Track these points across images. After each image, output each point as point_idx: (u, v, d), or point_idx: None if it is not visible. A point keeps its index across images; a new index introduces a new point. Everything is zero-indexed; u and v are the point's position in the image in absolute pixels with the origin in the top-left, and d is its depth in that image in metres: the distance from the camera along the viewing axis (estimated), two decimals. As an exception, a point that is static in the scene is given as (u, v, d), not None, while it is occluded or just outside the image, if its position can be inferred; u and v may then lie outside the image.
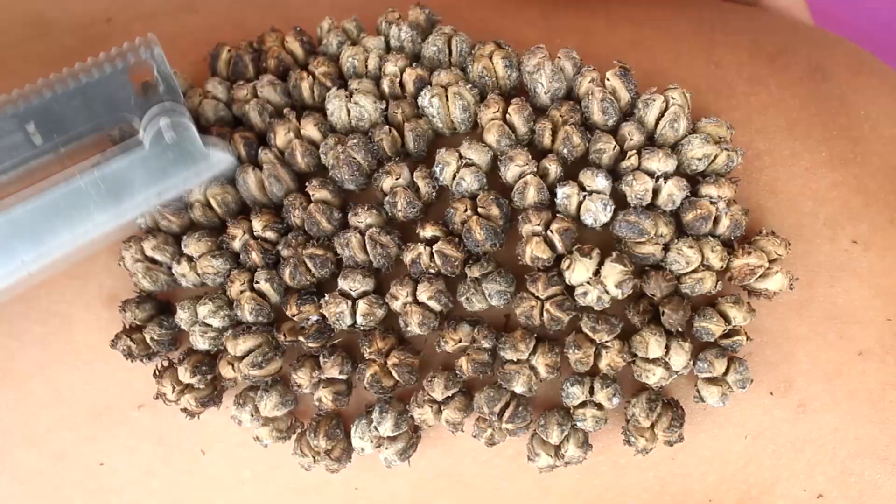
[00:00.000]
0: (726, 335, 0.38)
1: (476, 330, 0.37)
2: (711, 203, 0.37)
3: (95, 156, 0.36)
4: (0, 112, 0.34)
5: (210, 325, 0.38)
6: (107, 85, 0.35)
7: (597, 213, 0.37)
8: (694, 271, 0.37)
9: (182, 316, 0.38)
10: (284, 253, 0.37)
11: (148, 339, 0.39)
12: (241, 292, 0.37)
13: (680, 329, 0.37)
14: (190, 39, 0.45)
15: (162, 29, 0.45)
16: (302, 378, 0.38)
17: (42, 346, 0.40)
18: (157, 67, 0.36)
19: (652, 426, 0.38)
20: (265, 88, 0.40)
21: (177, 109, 0.36)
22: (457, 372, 0.38)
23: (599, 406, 0.38)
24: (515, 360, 0.37)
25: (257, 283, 0.37)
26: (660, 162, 0.37)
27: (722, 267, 0.38)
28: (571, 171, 0.38)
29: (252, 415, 0.38)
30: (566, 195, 0.37)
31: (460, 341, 0.37)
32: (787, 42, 0.46)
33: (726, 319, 0.38)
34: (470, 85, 0.39)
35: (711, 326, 0.37)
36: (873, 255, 0.41)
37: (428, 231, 0.37)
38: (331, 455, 0.39)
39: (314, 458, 0.39)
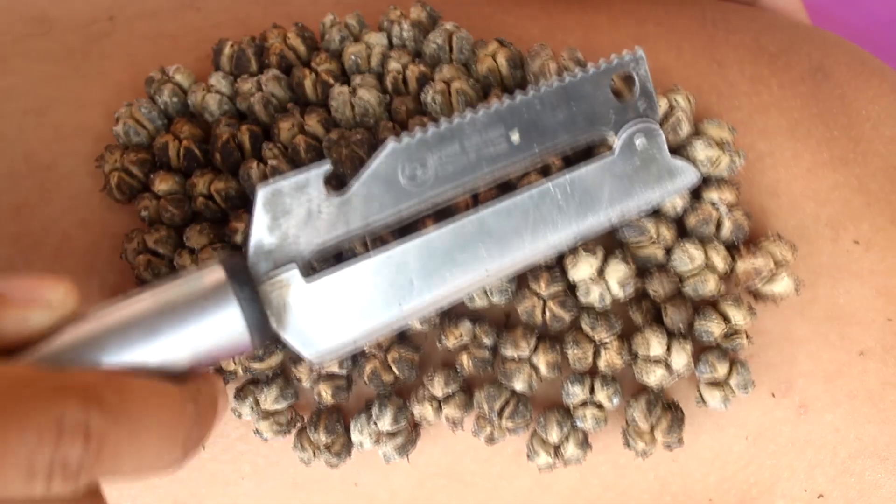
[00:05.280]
0: (727, 336, 0.38)
1: (477, 327, 0.37)
2: (713, 207, 0.37)
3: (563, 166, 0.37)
4: (489, 120, 0.34)
5: (211, 318, 0.38)
6: (590, 100, 0.35)
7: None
8: (697, 272, 0.37)
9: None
10: (286, 247, 0.37)
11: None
12: (243, 285, 0.37)
13: (682, 329, 0.37)
14: (193, 37, 0.45)
15: (164, 26, 0.45)
16: (302, 372, 0.38)
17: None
18: (639, 83, 0.36)
19: (651, 429, 0.38)
20: (270, 83, 0.40)
21: (651, 126, 0.36)
22: (457, 369, 0.38)
23: (599, 406, 0.38)
24: (516, 357, 0.37)
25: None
26: None
27: (725, 268, 0.38)
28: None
29: (252, 408, 0.38)
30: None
31: (461, 338, 0.37)
32: (788, 42, 0.46)
33: (727, 320, 0.38)
34: (472, 80, 0.39)
35: (712, 327, 0.37)
36: (875, 255, 0.41)
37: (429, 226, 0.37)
38: (331, 450, 0.38)
39: (314, 452, 0.39)
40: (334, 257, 0.35)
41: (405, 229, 0.35)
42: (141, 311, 0.29)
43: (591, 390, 0.38)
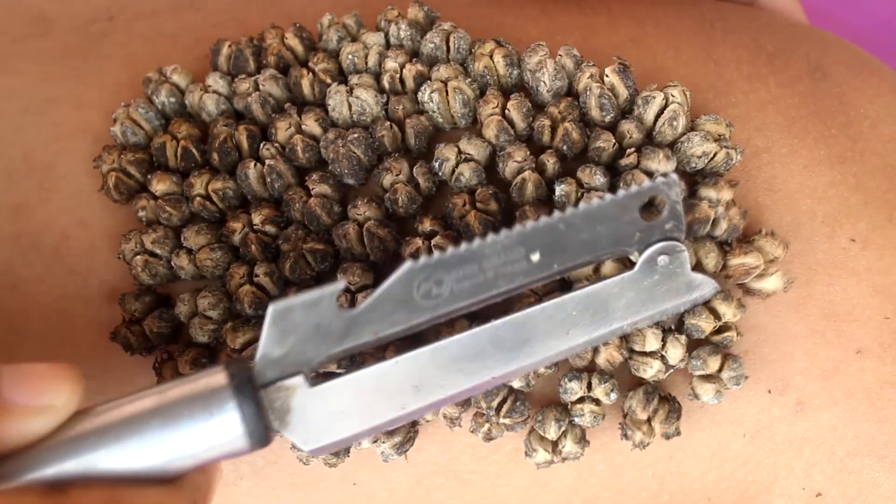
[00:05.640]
0: (717, 331, 0.38)
1: (473, 324, 0.37)
2: (710, 206, 0.37)
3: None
4: (511, 242, 0.33)
5: (209, 318, 0.38)
6: (616, 222, 0.34)
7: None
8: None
9: (181, 309, 0.38)
10: (284, 247, 0.37)
11: (147, 332, 0.39)
12: (241, 285, 0.37)
13: (671, 326, 0.37)
14: (191, 37, 0.45)
15: (163, 27, 0.45)
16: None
17: (42, 341, 0.40)
18: (669, 206, 0.35)
19: (649, 419, 0.38)
20: (267, 82, 0.40)
21: (676, 246, 0.35)
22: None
23: (597, 402, 0.38)
24: (513, 355, 0.37)
25: (256, 276, 0.37)
26: (659, 163, 0.37)
27: (716, 269, 0.38)
28: (569, 166, 0.38)
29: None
30: (564, 192, 0.37)
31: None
32: (786, 41, 0.46)
33: (716, 316, 0.38)
34: (470, 80, 0.39)
35: (701, 323, 0.37)
36: (871, 253, 0.41)
37: (426, 225, 0.37)
38: (329, 449, 0.39)
39: (313, 452, 0.39)
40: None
41: (415, 336, 0.35)
42: (140, 414, 0.29)
43: (589, 386, 0.38)
